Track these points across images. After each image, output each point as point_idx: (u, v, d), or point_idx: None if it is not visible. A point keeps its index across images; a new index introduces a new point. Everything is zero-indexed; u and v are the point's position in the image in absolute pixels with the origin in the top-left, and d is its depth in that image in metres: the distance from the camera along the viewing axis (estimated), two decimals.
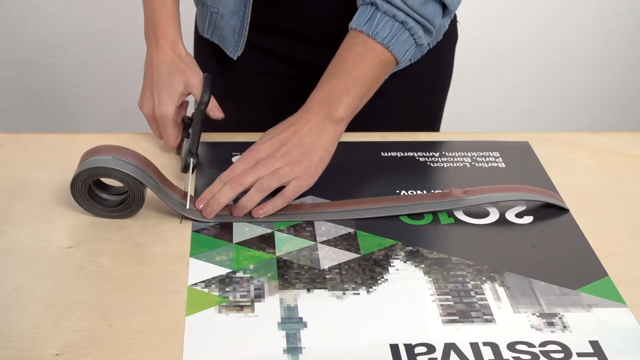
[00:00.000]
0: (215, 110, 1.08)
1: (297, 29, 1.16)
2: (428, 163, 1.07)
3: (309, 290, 0.83)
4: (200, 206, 0.93)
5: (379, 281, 0.85)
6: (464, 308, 0.82)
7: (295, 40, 1.18)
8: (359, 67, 0.98)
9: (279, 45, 1.19)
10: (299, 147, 0.95)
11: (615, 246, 0.92)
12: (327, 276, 0.85)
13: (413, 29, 0.99)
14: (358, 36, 0.99)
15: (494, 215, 0.96)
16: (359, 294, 0.83)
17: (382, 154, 1.08)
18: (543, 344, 0.78)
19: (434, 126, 1.29)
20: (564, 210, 0.98)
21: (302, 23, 1.15)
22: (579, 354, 0.77)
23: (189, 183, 0.98)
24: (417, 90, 1.23)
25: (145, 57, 1.09)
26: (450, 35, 1.24)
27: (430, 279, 0.86)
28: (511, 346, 0.77)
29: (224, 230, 0.92)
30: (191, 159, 0.99)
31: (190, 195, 0.95)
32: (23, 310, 0.79)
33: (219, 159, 1.04)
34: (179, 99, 1.05)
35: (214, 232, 0.91)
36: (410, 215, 0.95)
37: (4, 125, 2.30)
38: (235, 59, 1.17)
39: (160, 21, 1.07)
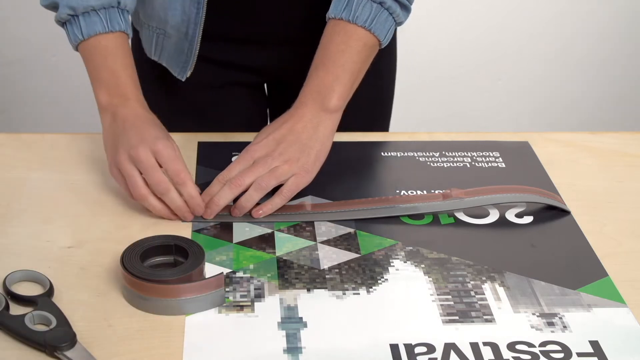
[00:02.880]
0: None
1: (252, 35, 1.14)
2: (428, 163, 1.06)
3: (309, 290, 0.83)
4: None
5: (379, 281, 0.85)
6: (464, 308, 0.82)
7: (251, 45, 1.15)
8: (344, 55, 0.98)
9: (235, 53, 1.16)
10: (296, 143, 0.95)
11: (615, 246, 0.92)
12: (327, 276, 0.85)
13: (391, 8, 0.99)
14: (338, 24, 0.99)
15: (494, 216, 0.96)
16: (359, 294, 0.83)
17: (382, 154, 1.08)
18: (543, 344, 0.77)
19: (388, 115, 1.28)
20: (564, 211, 0.98)
21: (256, 27, 1.12)
22: (579, 354, 0.76)
23: None
24: (370, 79, 1.20)
25: (106, 121, 0.95)
26: None
27: (430, 279, 0.85)
28: (511, 346, 0.77)
29: (224, 230, 0.92)
30: None
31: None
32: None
33: (219, 159, 1.03)
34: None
35: (214, 232, 0.91)
36: (410, 215, 0.95)
37: (4, 125, 2.30)
38: (183, 80, 1.11)
39: (127, 84, 0.96)
